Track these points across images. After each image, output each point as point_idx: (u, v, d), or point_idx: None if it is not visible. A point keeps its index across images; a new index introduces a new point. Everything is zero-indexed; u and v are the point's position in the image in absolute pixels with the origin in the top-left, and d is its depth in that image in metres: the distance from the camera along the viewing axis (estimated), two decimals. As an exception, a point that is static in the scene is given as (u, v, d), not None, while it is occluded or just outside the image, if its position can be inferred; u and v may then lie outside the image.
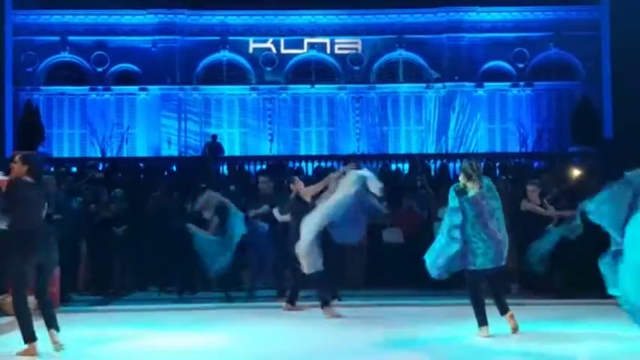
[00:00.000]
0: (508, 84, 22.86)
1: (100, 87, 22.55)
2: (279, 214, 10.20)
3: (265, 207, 10.87)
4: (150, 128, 22.46)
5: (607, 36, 21.04)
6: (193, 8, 22.47)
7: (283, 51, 22.86)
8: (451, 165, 17.89)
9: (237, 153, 21.97)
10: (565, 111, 22.33)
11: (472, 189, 7.39)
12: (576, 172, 14.85)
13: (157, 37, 22.54)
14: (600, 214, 6.55)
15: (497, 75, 22.86)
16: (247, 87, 22.90)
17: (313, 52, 22.93)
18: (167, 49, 22.54)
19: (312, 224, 8.69)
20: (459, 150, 21.60)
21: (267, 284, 11.27)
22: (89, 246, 11.94)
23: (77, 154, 22.01)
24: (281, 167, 17.55)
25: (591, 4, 22.26)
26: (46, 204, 6.94)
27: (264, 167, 18.32)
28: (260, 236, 10.97)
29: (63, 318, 6.77)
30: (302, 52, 22.89)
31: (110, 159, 19.90)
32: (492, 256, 7.34)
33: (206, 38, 22.69)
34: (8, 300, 8.11)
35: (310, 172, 17.28)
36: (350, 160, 11.80)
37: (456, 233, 7.31)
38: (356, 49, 22.90)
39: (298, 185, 9.76)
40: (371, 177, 8.88)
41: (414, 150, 21.80)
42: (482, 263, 7.36)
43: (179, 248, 11.14)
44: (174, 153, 21.86)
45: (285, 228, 10.01)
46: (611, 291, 6.57)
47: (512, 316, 7.55)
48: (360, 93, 22.93)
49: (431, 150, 21.87)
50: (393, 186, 14.13)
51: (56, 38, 22.41)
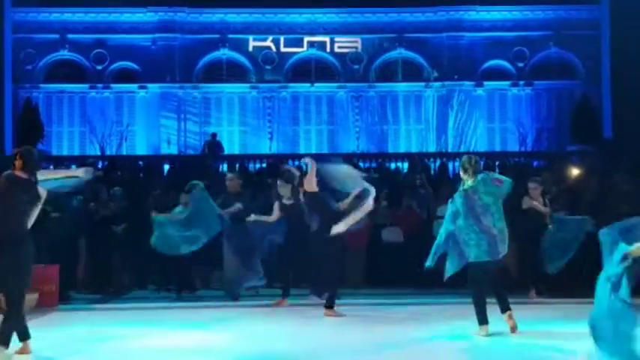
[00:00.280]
0: (508, 83, 22.85)
1: (100, 85, 22.52)
2: (256, 215, 10.20)
3: (237, 205, 10.57)
4: (149, 126, 22.43)
5: (607, 35, 21.05)
6: (193, 6, 22.41)
7: (283, 49, 22.84)
8: (450, 164, 17.90)
9: (236, 151, 21.92)
10: (564, 110, 22.31)
11: (466, 182, 7.53)
12: (575, 172, 14.84)
13: (157, 35, 22.51)
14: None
15: (496, 74, 22.84)
16: (247, 85, 22.88)
17: (313, 51, 22.91)
18: (167, 47, 22.51)
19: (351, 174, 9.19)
20: (459, 149, 21.55)
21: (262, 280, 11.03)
22: (88, 244, 11.95)
23: (76, 152, 21.95)
24: (275, 167, 17.44)
25: (591, 4, 22.25)
26: (39, 201, 6.69)
27: (263, 165, 18.29)
28: (240, 234, 10.50)
29: (62, 316, 6.75)
30: (302, 51, 22.87)
31: (109, 157, 19.86)
32: (486, 248, 7.35)
33: (206, 36, 22.67)
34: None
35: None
36: (305, 157, 11.74)
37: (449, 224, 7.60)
38: (356, 48, 22.88)
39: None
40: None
41: (414, 149, 21.81)
42: (477, 255, 7.37)
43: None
44: (173, 151, 21.84)
45: (295, 226, 9.91)
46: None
47: (510, 316, 7.55)
48: (360, 92, 22.91)
49: (430, 149, 21.86)
50: (393, 185, 14.14)
51: (56, 36, 22.36)
